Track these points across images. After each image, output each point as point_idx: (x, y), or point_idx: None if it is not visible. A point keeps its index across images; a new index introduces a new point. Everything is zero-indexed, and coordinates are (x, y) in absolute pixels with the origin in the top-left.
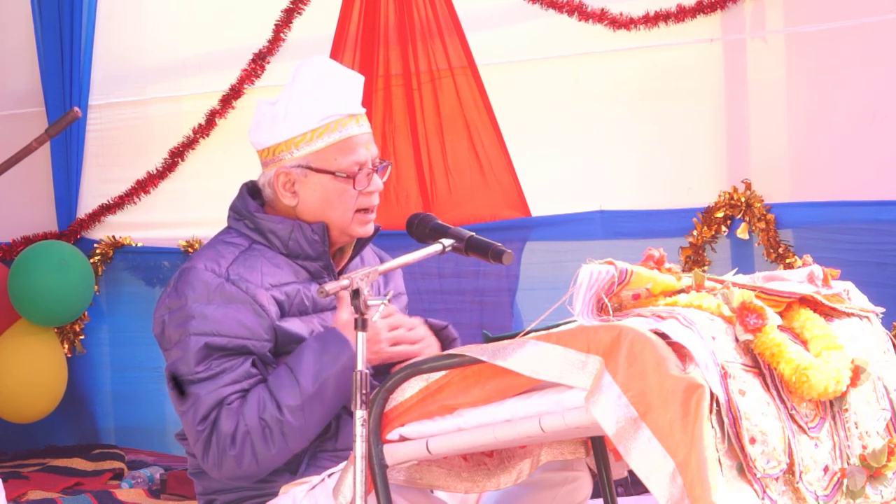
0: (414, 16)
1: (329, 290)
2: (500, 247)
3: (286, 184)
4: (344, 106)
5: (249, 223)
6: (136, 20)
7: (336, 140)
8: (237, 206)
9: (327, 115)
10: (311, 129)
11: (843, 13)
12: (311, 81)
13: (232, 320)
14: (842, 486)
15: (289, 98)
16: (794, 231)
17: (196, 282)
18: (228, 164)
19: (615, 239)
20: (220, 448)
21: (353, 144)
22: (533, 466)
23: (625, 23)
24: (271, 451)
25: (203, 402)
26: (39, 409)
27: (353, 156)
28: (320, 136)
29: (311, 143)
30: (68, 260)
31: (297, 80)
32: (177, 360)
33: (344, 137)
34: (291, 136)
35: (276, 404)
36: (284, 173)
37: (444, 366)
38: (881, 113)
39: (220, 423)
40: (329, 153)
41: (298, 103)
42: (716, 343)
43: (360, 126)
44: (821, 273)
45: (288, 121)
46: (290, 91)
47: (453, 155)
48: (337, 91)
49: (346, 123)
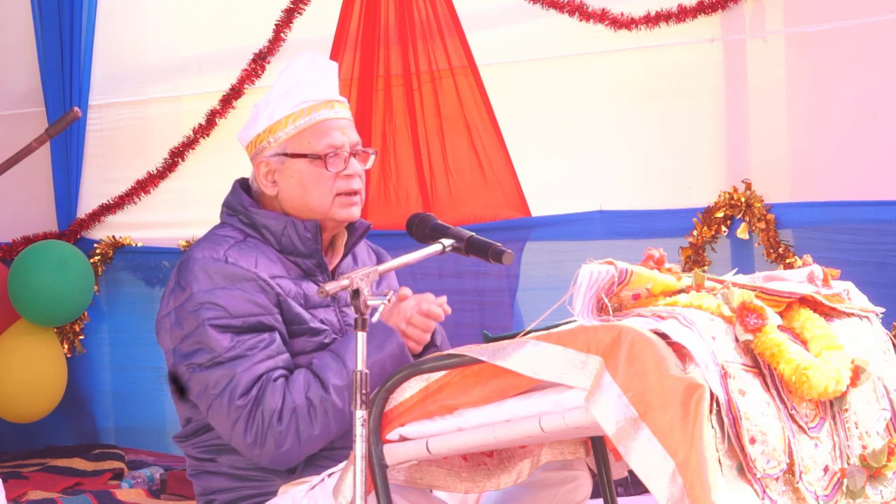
0: (414, 16)
1: (329, 290)
2: (500, 247)
3: (267, 174)
4: (317, 92)
5: (244, 218)
6: (136, 20)
7: (309, 124)
8: (230, 202)
9: (300, 101)
10: (285, 115)
11: (843, 13)
12: (290, 75)
13: (240, 300)
14: (842, 486)
15: (270, 93)
16: (794, 231)
17: (197, 271)
18: (228, 164)
19: (615, 239)
20: (266, 424)
21: (327, 127)
22: (533, 466)
23: (625, 23)
24: (314, 431)
25: (241, 378)
26: (39, 409)
27: (327, 138)
28: (294, 122)
29: (286, 129)
30: (68, 260)
31: (280, 77)
32: (195, 350)
33: (317, 121)
34: (268, 125)
35: (322, 384)
36: (265, 163)
37: (444, 366)
38: (881, 113)
39: (266, 398)
40: (303, 137)
41: (276, 95)
42: (716, 343)
43: (334, 111)
44: (821, 273)
45: (266, 112)
46: (272, 88)
47: (453, 155)
48: (310, 78)
49: (319, 108)
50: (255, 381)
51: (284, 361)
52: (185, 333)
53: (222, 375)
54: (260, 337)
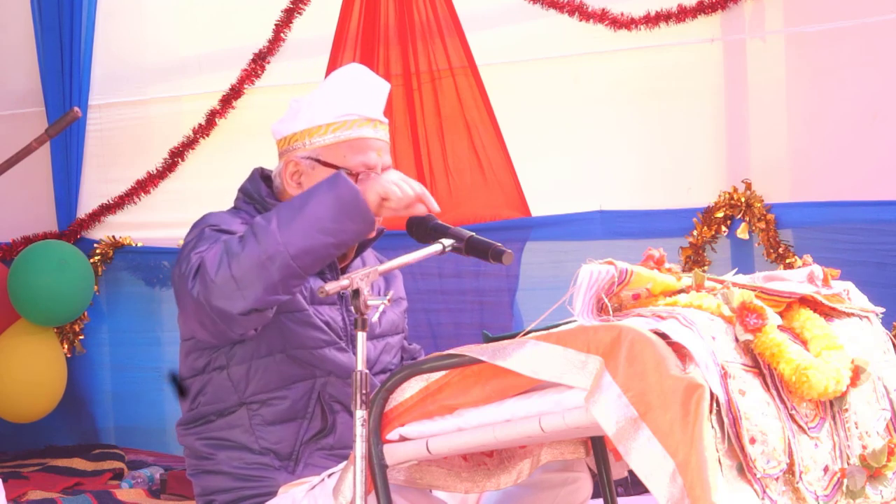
0: (414, 16)
1: (329, 290)
2: (500, 247)
3: (294, 174)
4: (363, 108)
5: (259, 207)
6: (136, 20)
7: (349, 138)
8: (248, 189)
9: (345, 112)
10: (326, 122)
11: (843, 13)
12: (338, 81)
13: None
14: (842, 486)
15: (315, 94)
16: (794, 231)
17: (210, 214)
18: (228, 164)
19: (615, 239)
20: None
21: (365, 146)
22: (533, 466)
23: (625, 23)
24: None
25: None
26: (39, 409)
27: (363, 157)
28: (334, 132)
29: (324, 136)
30: (68, 260)
31: (329, 79)
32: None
33: (357, 137)
34: (307, 127)
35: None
36: (294, 162)
37: (444, 366)
38: (881, 113)
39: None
40: (340, 149)
41: (321, 99)
42: (716, 343)
43: (375, 131)
44: (821, 273)
45: (308, 113)
46: (319, 88)
47: (453, 155)
48: (360, 93)
49: (362, 125)
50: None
51: None
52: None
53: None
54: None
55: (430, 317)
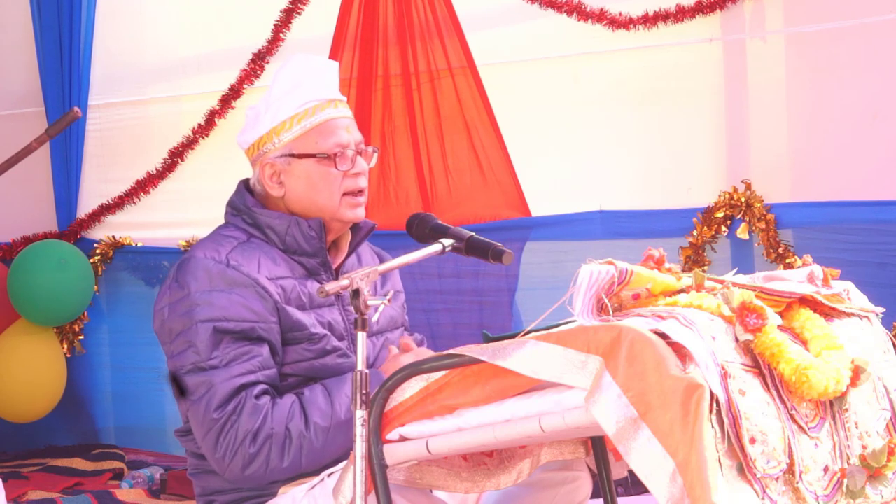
0: (413, 16)
1: (329, 290)
2: (500, 247)
3: (272, 175)
4: (320, 91)
5: (247, 218)
6: (136, 20)
7: (315, 123)
8: (234, 202)
9: (304, 101)
10: (289, 116)
11: (843, 13)
12: (288, 74)
13: (237, 305)
14: (842, 486)
15: (268, 95)
16: (794, 231)
17: (197, 270)
18: (228, 164)
19: (615, 239)
20: (237, 442)
21: (333, 126)
22: (533, 466)
23: (624, 23)
24: (283, 464)
25: (218, 390)
26: (39, 409)
27: (334, 137)
28: (299, 122)
29: (291, 130)
30: (68, 260)
31: (276, 78)
32: (184, 350)
33: (322, 120)
34: (272, 126)
35: (305, 419)
36: (269, 164)
37: (444, 366)
38: (881, 113)
39: (244, 415)
40: (309, 137)
41: (277, 97)
42: (716, 343)
43: (338, 110)
44: (821, 273)
45: (268, 114)
46: (270, 89)
47: (453, 155)
48: (312, 78)
49: (323, 108)
50: (234, 395)
51: (267, 377)
52: (176, 332)
53: (201, 383)
54: (245, 348)
55: (430, 317)
